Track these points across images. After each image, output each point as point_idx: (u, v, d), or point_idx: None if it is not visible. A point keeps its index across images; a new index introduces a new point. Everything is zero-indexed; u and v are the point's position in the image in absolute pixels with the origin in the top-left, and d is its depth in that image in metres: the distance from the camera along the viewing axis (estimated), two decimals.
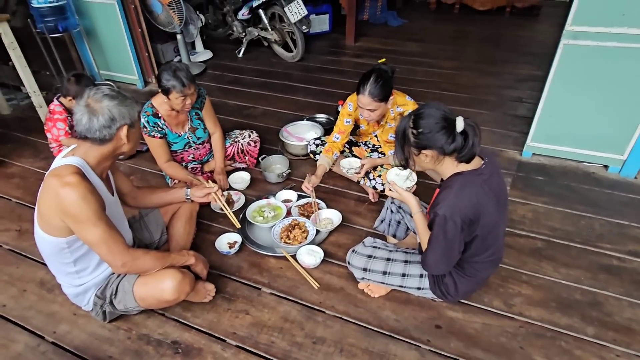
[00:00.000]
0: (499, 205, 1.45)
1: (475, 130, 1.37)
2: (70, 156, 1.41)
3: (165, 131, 2.27)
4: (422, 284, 1.69)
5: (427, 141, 1.38)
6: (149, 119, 2.21)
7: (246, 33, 4.56)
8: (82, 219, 1.34)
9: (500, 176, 1.51)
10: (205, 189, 1.88)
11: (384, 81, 2.02)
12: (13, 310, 1.79)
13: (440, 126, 1.36)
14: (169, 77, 2.05)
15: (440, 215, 1.38)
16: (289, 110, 3.46)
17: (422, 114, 1.39)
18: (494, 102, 3.51)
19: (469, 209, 1.37)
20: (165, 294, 1.53)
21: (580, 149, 2.60)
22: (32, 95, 3.13)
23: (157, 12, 3.83)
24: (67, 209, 1.32)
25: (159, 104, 2.24)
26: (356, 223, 2.24)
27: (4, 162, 2.81)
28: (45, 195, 1.36)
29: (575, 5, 2.15)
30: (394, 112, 2.21)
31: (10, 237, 2.18)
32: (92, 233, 1.36)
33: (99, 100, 1.36)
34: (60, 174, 1.33)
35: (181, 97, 2.10)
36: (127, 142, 1.43)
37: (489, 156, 1.46)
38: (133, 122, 1.42)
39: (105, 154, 1.43)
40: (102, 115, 1.35)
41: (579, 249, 2.05)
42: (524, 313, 1.73)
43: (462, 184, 1.39)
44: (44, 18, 3.18)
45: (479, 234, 1.44)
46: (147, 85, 3.97)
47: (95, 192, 1.38)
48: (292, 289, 1.87)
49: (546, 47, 4.56)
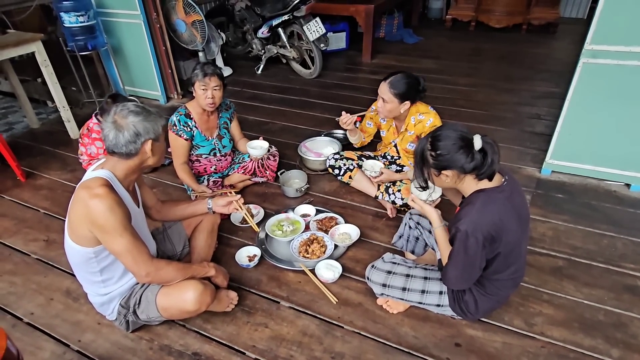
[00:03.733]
0: (520, 223, 1.46)
1: (493, 147, 1.38)
2: (100, 169, 1.48)
3: (194, 132, 2.37)
4: (442, 301, 1.69)
5: (447, 162, 1.40)
6: (180, 118, 2.33)
7: (265, 50, 4.68)
8: (108, 229, 1.39)
9: (521, 194, 1.52)
10: (227, 197, 1.94)
11: (408, 82, 2.13)
12: (40, 318, 1.84)
13: (458, 146, 1.38)
14: (195, 68, 2.24)
15: (462, 231, 1.39)
16: (306, 126, 3.52)
17: (439, 136, 1.42)
18: (512, 119, 3.50)
19: (491, 226, 1.38)
20: (187, 305, 1.56)
21: (601, 167, 2.58)
22: (62, 110, 3.26)
23: (181, 30, 3.98)
24: (95, 219, 1.38)
25: (192, 106, 2.37)
26: (374, 238, 2.25)
27: (33, 174, 2.92)
28: (75, 206, 1.43)
29: (595, 25, 2.17)
30: (415, 119, 2.25)
31: (39, 246, 2.26)
32: (118, 243, 1.42)
33: (124, 116, 1.42)
34: (90, 186, 1.39)
35: (203, 87, 2.22)
36: (152, 155, 1.49)
37: (508, 174, 1.48)
38: (157, 136, 1.48)
39: (132, 167, 1.49)
40: (127, 130, 1.41)
41: (602, 268, 2.02)
42: (546, 333, 1.71)
43: (485, 201, 1.40)
44: (74, 37, 3.33)
45: (502, 252, 1.44)
46: (169, 100, 4.09)
47: (122, 203, 1.44)
48: (311, 303, 1.88)
49: (564, 65, 4.56)
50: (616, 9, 2.10)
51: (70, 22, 3.25)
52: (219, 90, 2.27)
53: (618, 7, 2.09)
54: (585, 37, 2.23)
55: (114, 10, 3.64)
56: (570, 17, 6.62)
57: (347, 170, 2.55)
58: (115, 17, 3.67)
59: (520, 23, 5.88)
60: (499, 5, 5.85)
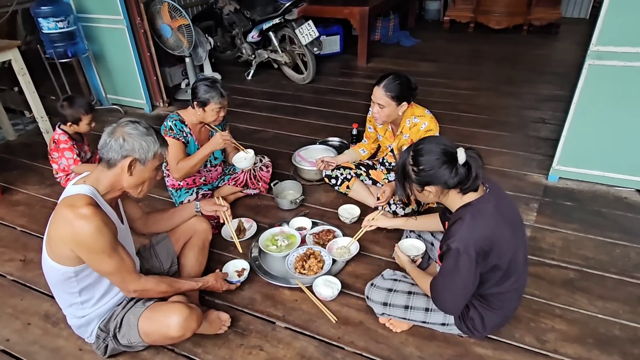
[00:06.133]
0: (513, 230, 1.47)
1: (477, 161, 1.40)
2: (82, 184, 1.45)
3: (189, 139, 2.35)
4: (447, 319, 1.67)
5: (430, 178, 1.42)
6: (176, 123, 2.31)
7: (256, 55, 4.70)
8: (97, 250, 1.39)
9: (507, 198, 1.54)
10: (215, 205, 1.95)
11: (402, 83, 2.15)
12: (17, 345, 1.79)
13: (442, 161, 1.40)
14: (207, 89, 2.20)
15: (453, 248, 1.39)
16: (300, 134, 3.52)
17: (422, 150, 1.44)
18: (515, 124, 3.53)
19: (483, 240, 1.38)
20: (171, 330, 1.53)
21: (611, 173, 2.59)
22: (40, 121, 3.24)
23: (167, 36, 3.99)
24: (82, 241, 1.36)
25: (186, 115, 2.35)
26: (375, 252, 2.24)
27: (9, 189, 2.88)
28: (58, 225, 1.40)
29: (600, 25, 2.19)
30: (410, 122, 2.26)
31: (15, 267, 2.21)
32: (107, 264, 1.43)
33: (124, 125, 1.45)
34: (75, 205, 1.37)
35: (218, 107, 2.24)
36: (129, 174, 1.45)
37: (488, 180, 1.49)
38: (143, 160, 1.45)
39: (111, 181, 1.46)
40: (116, 138, 1.42)
41: (615, 280, 2.01)
42: (559, 350, 1.70)
43: (473, 215, 1.41)
44: (53, 44, 3.32)
45: (499, 264, 1.44)
46: (155, 109, 4.08)
47: (109, 222, 1.43)
48: (309, 322, 1.86)
49: (568, 66, 4.62)
50: (622, 8, 2.13)
51: (49, 28, 3.25)
52: (227, 106, 2.33)
53: (623, 6, 2.12)
54: (590, 38, 2.26)
55: (95, 15, 3.64)
56: (572, 17, 6.74)
57: (344, 180, 2.54)
58: (97, 22, 3.67)
59: (520, 24, 5.98)
60: (498, 5, 5.94)
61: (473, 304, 1.60)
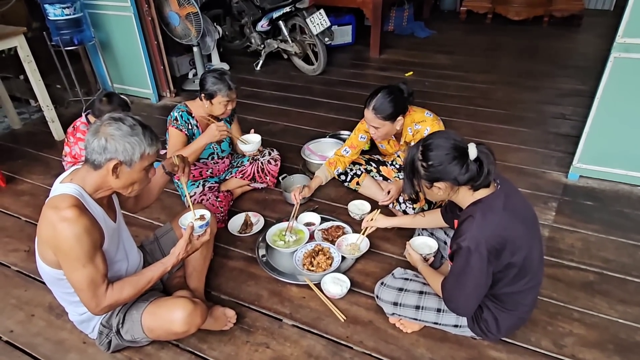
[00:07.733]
0: (526, 225, 1.45)
1: (489, 156, 1.39)
2: (68, 182, 1.41)
3: (195, 132, 2.35)
4: (460, 321, 1.66)
5: (439, 173, 1.40)
6: (182, 114, 2.32)
7: (265, 45, 4.68)
8: (71, 258, 1.35)
9: (518, 193, 1.51)
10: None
11: (393, 99, 2.08)
12: (20, 336, 1.82)
13: (452, 157, 1.38)
14: (215, 81, 2.20)
15: (464, 247, 1.38)
16: (310, 127, 3.51)
17: (431, 145, 1.42)
18: (534, 119, 3.48)
19: (495, 238, 1.37)
20: (175, 326, 1.53)
21: (634, 172, 2.54)
22: (45, 110, 3.27)
23: (174, 24, 3.99)
24: (60, 245, 1.34)
25: (194, 107, 2.36)
26: (385, 250, 2.22)
27: (14, 179, 2.92)
28: (42, 227, 1.38)
29: (627, 16, 2.14)
30: (412, 130, 2.22)
31: (19, 257, 2.24)
32: (79, 274, 1.36)
33: (108, 124, 1.36)
34: (58, 206, 1.33)
35: (226, 100, 2.24)
36: (115, 177, 1.39)
37: (498, 176, 1.47)
38: (128, 162, 1.38)
39: (98, 182, 1.42)
40: (99, 139, 1.34)
41: (638, 283, 1.98)
42: (577, 355, 1.67)
43: (484, 213, 1.39)
44: (59, 31, 3.33)
45: (512, 261, 1.43)
46: (162, 99, 4.09)
47: (94, 228, 1.38)
48: (317, 321, 1.86)
49: (590, 60, 4.54)
50: None
51: (55, 14, 3.26)
52: (235, 99, 2.33)
53: None
54: (615, 30, 2.20)
55: (102, 2, 3.65)
56: (596, 9, 6.61)
57: (354, 175, 2.53)
58: (104, 9, 3.69)
59: (541, 15, 5.88)
60: None
61: (487, 304, 1.59)
